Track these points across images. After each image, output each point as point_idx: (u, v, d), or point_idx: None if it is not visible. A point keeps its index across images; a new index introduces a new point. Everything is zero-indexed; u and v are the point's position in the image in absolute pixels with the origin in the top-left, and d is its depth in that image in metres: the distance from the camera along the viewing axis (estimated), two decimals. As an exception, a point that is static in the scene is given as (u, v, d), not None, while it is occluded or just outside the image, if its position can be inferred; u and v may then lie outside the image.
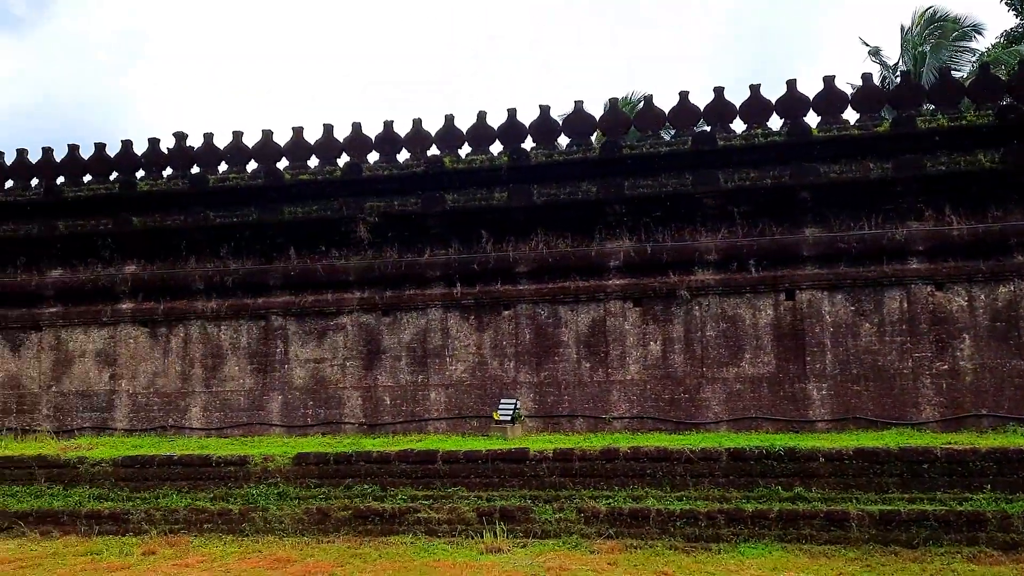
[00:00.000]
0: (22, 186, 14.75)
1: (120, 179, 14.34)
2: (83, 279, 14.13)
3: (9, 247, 14.38)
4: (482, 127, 13.51)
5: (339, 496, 10.21)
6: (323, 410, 13.14)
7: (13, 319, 14.23)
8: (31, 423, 13.89)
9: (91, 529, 10.29)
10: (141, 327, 13.89)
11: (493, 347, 12.81)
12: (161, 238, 13.97)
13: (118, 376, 13.82)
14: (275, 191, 13.66)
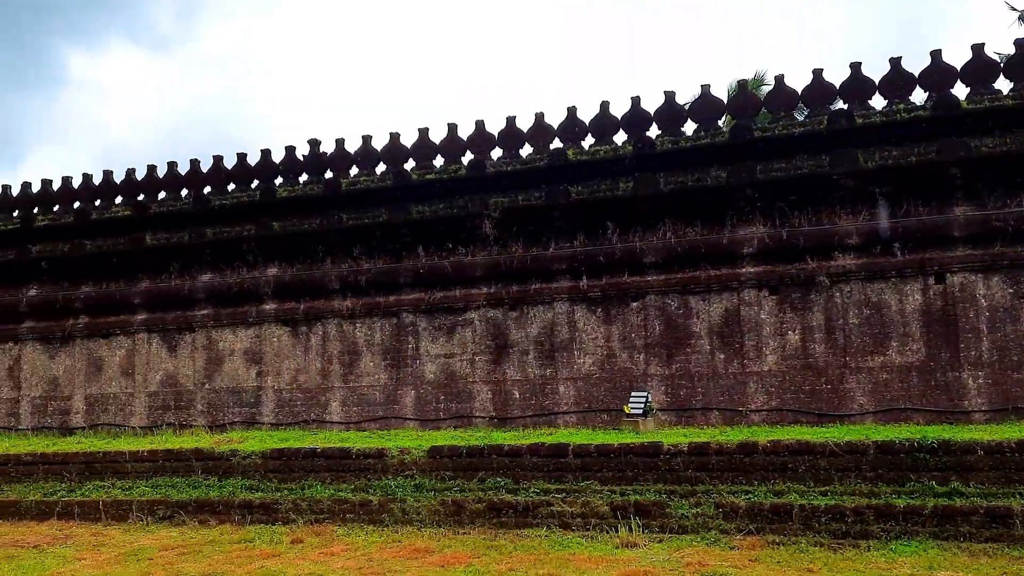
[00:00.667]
0: (172, 197, 15.75)
1: (261, 186, 15.07)
2: (230, 282, 14.93)
3: (164, 254, 15.37)
4: (605, 117, 13.37)
5: (473, 489, 10.34)
6: (454, 404, 13.36)
7: (169, 321, 15.21)
8: (187, 418, 14.81)
9: (244, 518, 10.86)
10: (283, 326, 14.54)
11: (622, 339, 12.65)
12: (299, 241, 14.59)
13: (264, 373, 14.52)
14: (402, 191, 14.00)
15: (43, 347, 16.02)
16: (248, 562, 8.60)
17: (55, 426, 15.61)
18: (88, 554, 9.31)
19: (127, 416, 15.21)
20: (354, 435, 12.90)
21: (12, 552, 9.58)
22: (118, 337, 15.53)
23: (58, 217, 16.33)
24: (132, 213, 15.62)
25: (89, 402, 15.55)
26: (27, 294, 16.29)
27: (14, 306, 16.21)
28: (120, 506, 11.47)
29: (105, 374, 15.53)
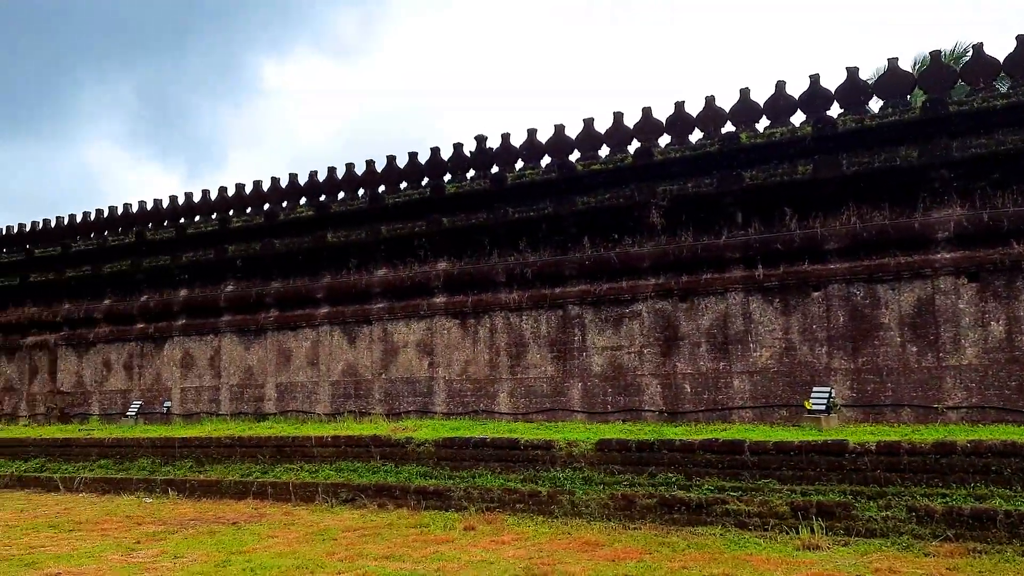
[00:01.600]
0: (350, 196, 16.52)
1: (431, 183, 15.50)
2: (403, 277, 15.47)
3: (343, 251, 16.15)
4: (781, 98, 12.71)
5: (643, 483, 10.13)
6: (622, 397, 13.16)
7: (349, 315, 15.96)
8: (366, 406, 15.49)
9: (419, 503, 11.20)
10: (453, 319, 14.89)
11: (801, 331, 11.99)
12: (467, 235, 14.88)
13: (435, 364, 14.94)
14: (567, 183, 13.95)
15: (239, 339, 17.27)
16: (424, 546, 8.83)
17: (250, 412, 16.79)
18: (279, 532, 9.91)
19: (313, 403, 16.12)
20: (522, 426, 12.99)
21: (214, 528, 10.36)
22: (304, 329, 16.48)
23: (250, 218, 17.57)
24: (314, 213, 16.54)
25: (279, 390, 16.61)
26: (224, 290, 17.62)
27: (214, 301, 17.58)
28: (307, 488, 12.16)
29: (293, 364, 16.53)
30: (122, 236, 19.41)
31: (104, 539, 9.76)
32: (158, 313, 18.32)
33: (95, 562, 8.42)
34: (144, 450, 14.57)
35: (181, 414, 17.59)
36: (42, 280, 20.08)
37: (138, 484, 13.71)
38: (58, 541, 9.70)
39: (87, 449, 15.22)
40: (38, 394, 19.89)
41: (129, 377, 18.57)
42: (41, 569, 8.09)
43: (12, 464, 15.57)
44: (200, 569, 7.94)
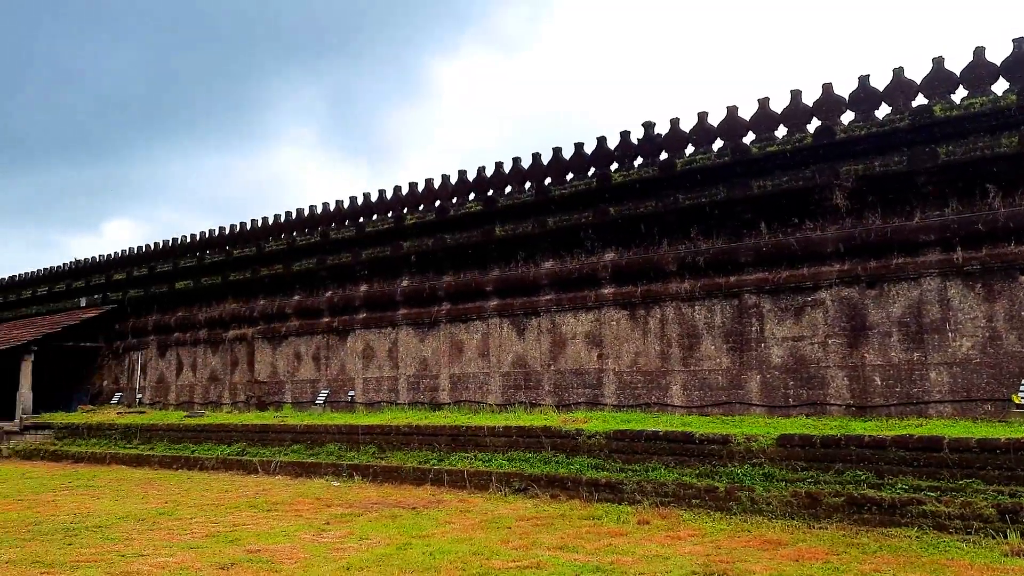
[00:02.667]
0: (517, 190, 16.70)
1: (597, 173, 15.38)
2: (570, 268, 15.45)
3: (511, 244, 16.35)
4: (979, 66, 11.61)
5: (829, 481, 9.56)
6: (804, 390, 12.49)
7: (517, 307, 16.15)
8: (536, 398, 15.62)
9: (591, 495, 11.14)
10: (621, 310, 14.70)
11: (1008, 319, 10.88)
12: (635, 225, 14.64)
13: (604, 356, 14.82)
14: (741, 166, 13.40)
15: (414, 331, 17.91)
16: (596, 539, 8.76)
17: (426, 401, 17.38)
18: (456, 518, 10.16)
19: (484, 394, 16.45)
20: (696, 419, 12.63)
21: (395, 512, 10.78)
22: (474, 322, 16.84)
23: (423, 215, 18.17)
24: (482, 207, 16.85)
25: (452, 380, 17.08)
26: (400, 285, 18.33)
27: (391, 296, 18.33)
28: (481, 476, 12.41)
29: (464, 355, 16.94)
30: (308, 236, 20.67)
31: (297, 519, 10.39)
32: (341, 307, 19.34)
33: (290, 541, 8.97)
34: (331, 436, 15.43)
35: (363, 403, 18.48)
36: (240, 279, 21.73)
37: (326, 468, 14.53)
38: (257, 520, 10.42)
39: (282, 435, 16.32)
40: (238, 383, 21.56)
41: (317, 368, 19.73)
42: (243, 546, 8.70)
43: (218, 448, 16.95)
44: (384, 551, 8.26)
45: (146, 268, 24.76)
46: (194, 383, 22.76)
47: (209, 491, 13.31)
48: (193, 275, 23.30)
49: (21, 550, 8.58)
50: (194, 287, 22.97)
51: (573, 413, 14.26)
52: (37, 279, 29.67)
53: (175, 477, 15.55)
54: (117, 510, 11.37)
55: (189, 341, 23.05)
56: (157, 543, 8.93)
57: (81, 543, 8.96)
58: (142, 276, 24.80)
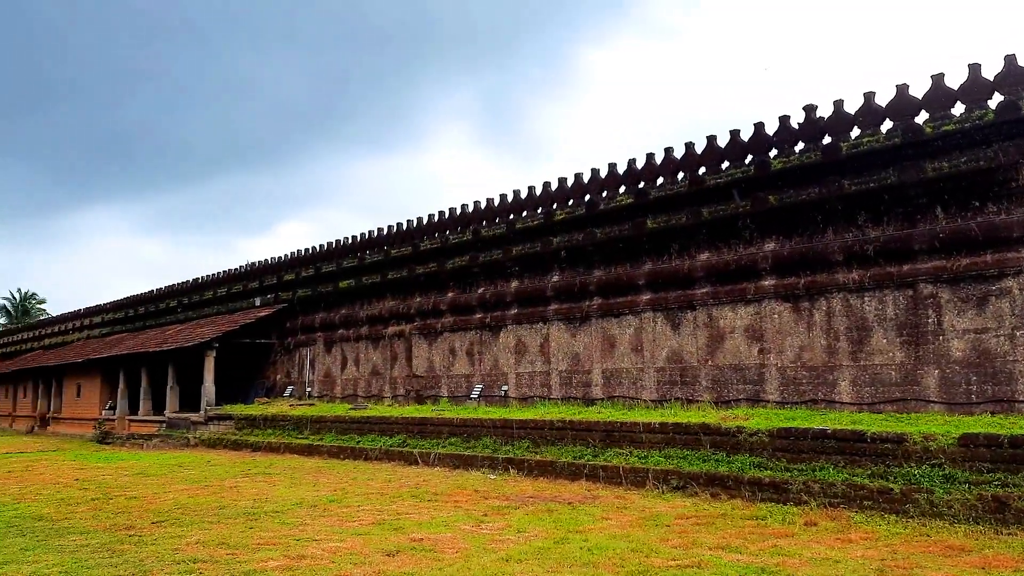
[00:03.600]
0: (669, 181, 16.36)
1: (754, 160, 14.82)
2: (727, 260, 14.97)
3: (663, 236, 16.05)
4: None
5: (1018, 484, 8.75)
6: (989, 386, 11.51)
7: (671, 300, 15.83)
8: (693, 394, 15.26)
9: (753, 495, 10.74)
10: (783, 302, 14.10)
11: None
12: (796, 213, 13.99)
13: (765, 351, 14.26)
14: (913, 148, 12.51)
15: (565, 326, 17.93)
16: (760, 540, 8.42)
17: (578, 396, 17.37)
18: (613, 515, 10.06)
19: (638, 390, 16.24)
20: (866, 417, 11.91)
21: (551, 506, 10.82)
22: (626, 316, 16.65)
23: (572, 210, 18.16)
24: (633, 200, 16.63)
25: (605, 376, 16.97)
26: (551, 280, 18.40)
27: (541, 291, 18.44)
28: (637, 473, 12.24)
29: (617, 350, 16.78)
30: (461, 234, 21.15)
31: (457, 510, 10.62)
32: (493, 304, 19.65)
33: (450, 531, 9.18)
34: (486, 430, 15.70)
35: (516, 397, 18.71)
36: (397, 277, 22.55)
37: (482, 461, 14.80)
38: (419, 509, 10.74)
39: (439, 428, 16.78)
40: (398, 377, 22.38)
41: (471, 363, 20.15)
42: (407, 534, 8.99)
43: (381, 439, 17.66)
44: (541, 545, 8.29)
45: (312, 269, 26.16)
46: (357, 377, 23.83)
47: (374, 480, 13.86)
48: (355, 274, 24.39)
49: (208, 532, 9.24)
50: (356, 286, 24.04)
51: (732, 410, 13.80)
52: (217, 281, 32.00)
53: (342, 466, 16.32)
54: (292, 497, 12.05)
55: (352, 337, 24.15)
56: (328, 529, 9.37)
57: (261, 527, 9.55)
58: (309, 276, 26.22)
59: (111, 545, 8.50)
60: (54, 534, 9.21)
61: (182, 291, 34.08)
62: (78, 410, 32.59)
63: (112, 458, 19.98)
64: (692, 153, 16.10)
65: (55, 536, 9.08)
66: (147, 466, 17.26)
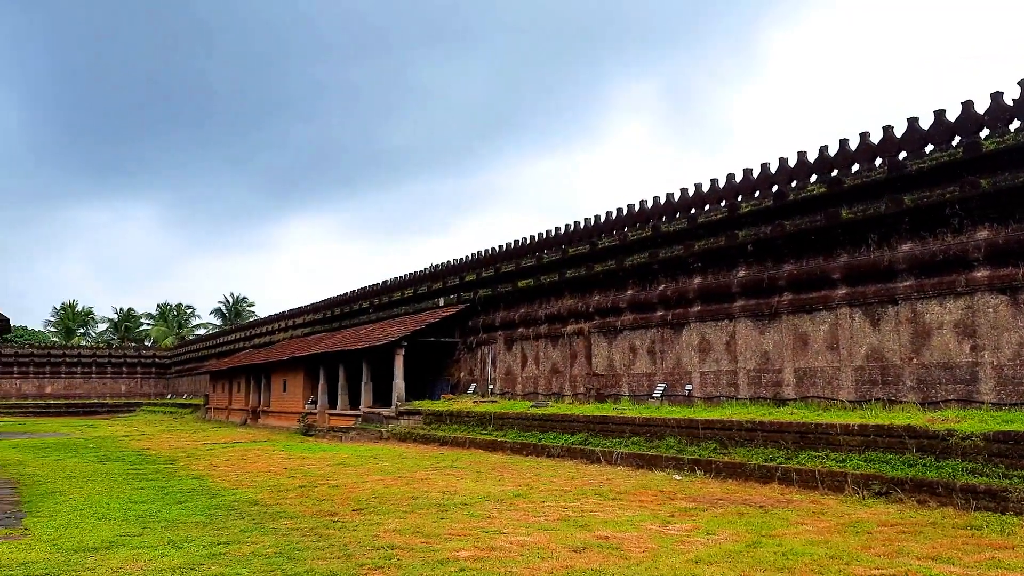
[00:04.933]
0: (866, 168, 15.34)
1: (963, 142, 13.62)
2: (933, 250, 13.84)
3: (860, 227, 15.07)
4: None
5: None
6: None
7: (870, 295, 14.83)
8: (895, 394, 14.22)
9: (967, 503, 9.84)
10: (999, 294, 12.84)
11: None
12: (1014, 197, 12.70)
13: (979, 348, 13.05)
14: None
15: (753, 323, 17.26)
16: (976, 551, 7.69)
17: (768, 396, 16.66)
18: (808, 520, 9.55)
19: (834, 389, 15.35)
20: (1105, 422, 10.59)
21: (741, 509, 10.43)
22: (820, 312, 15.78)
23: (759, 202, 17.44)
24: (826, 189, 15.74)
25: (797, 375, 16.17)
26: (736, 275, 17.78)
27: (726, 287, 17.86)
28: (834, 477, 11.56)
29: (810, 348, 15.94)
30: (639, 231, 20.90)
31: (642, 510, 10.47)
32: (675, 301, 19.26)
33: (636, 530, 9.06)
34: (670, 430, 15.40)
35: (701, 397, 18.23)
36: (576, 275, 22.63)
37: (667, 461, 14.53)
38: (603, 507, 10.69)
39: (621, 427, 16.65)
40: (577, 376, 22.45)
41: (652, 361, 19.86)
42: (592, 531, 8.96)
43: (562, 437, 17.78)
44: (732, 548, 8.00)
45: (492, 269, 26.80)
46: (537, 375, 24.15)
47: (557, 477, 13.96)
48: (533, 274, 24.74)
49: (404, 520, 9.66)
50: (534, 285, 24.38)
51: (940, 412, 12.74)
52: (403, 283, 33.54)
53: (525, 463, 16.57)
54: (479, 490, 12.37)
55: (531, 336, 24.51)
56: (515, 523, 9.52)
57: (451, 518, 9.86)
58: (489, 277, 26.89)
59: (318, 530, 9.07)
60: (268, 518, 9.96)
61: (373, 293, 35.98)
62: (284, 404, 35.21)
63: (315, 449, 21.40)
64: (891, 137, 15.01)
65: (269, 520, 9.82)
66: (345, 457, 18.33)
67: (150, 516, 10.12)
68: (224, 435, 29.63)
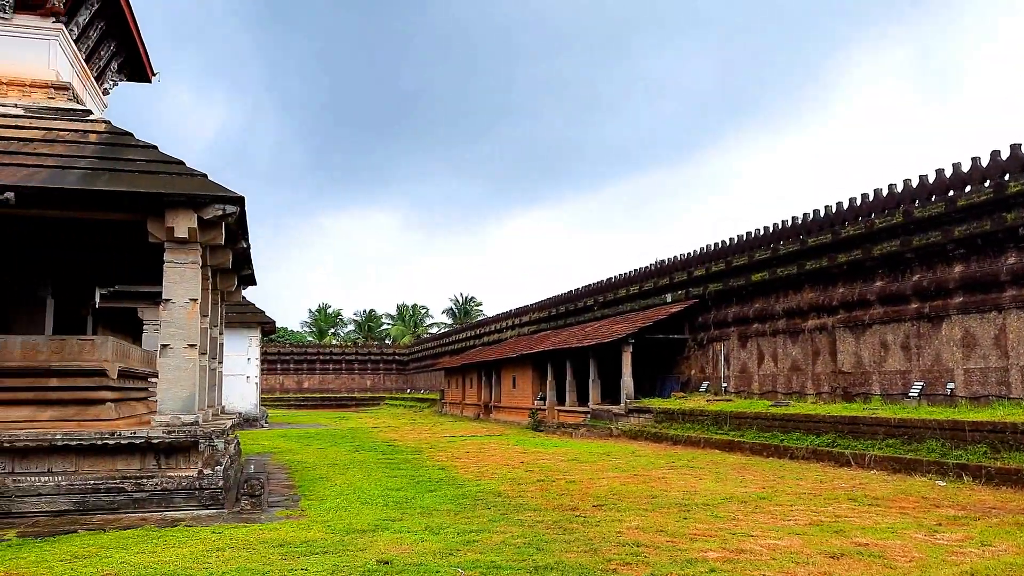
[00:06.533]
0: None
1: None
2: None
3: None
4: None
5: None
6: None
7: None
8: None
9: None
10: None
11: None
12: None
13: None
14: None
15: (1028, 315, 15.39)
16: None
17: (1049, 398, 14.78)
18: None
19: None
20: None
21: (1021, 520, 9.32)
22: (1114, 301, 13.76)
23: (1031, 179, 15.53)
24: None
25: (1086, 373, 14.22)
26: (1006, 263, 15.93)
27: (994, 276, 16.06)
28: None
29: (1102, 343, 13.95)
30: (888, 217, 19.33)
31: (903, 517, 9.66)
32: (931, 292, 17.63)
33: (898, 538, 8.35)
34: (931, 432, 14.10)
35: (966, 396, 16.52)
36: (816, 267, 21.35)
37: (928, 466, 13.31)
38: (859, 513, 9.97)
39: (873, 428, 15.48)
40: (820, 374, 21.17)
41: (907, 358, 18.30)
42: (849, 537, 8.38)
43: (807, 438, 16.83)
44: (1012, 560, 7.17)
45: (723, 263, 25.97)
46: (775, 373, 23.07)
47: (803, 480, 13.23)
48: (768, 266, 23.66)
49: (645, 519, 9.56)
50: (769, 278, 23.31)
51: None
52: (628, 279, 33.41)
53: (766, 464, 15.87)
54: (719, 491, 11.99)
55: (768, 332, 23.46)
56: (762, 525, 9.12)
57: (694, 518, 9.62)
58: (719, 271, 26.08)
59: (561, 523, 9.21)
60: (512, 509, 10.26)
61: (597, 290, 36.19)
62: (514, 399, 36.35)
63: (547, 444, 21.86)
64: None
65: (513, 511, 10.11)
66: (578, 453, 18.54)
67: (406, 503, 10.78)
68: (460, 428, 31.10)
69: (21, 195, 10.01)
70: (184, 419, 10.48)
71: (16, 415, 10.61)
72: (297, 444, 22.75)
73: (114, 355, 11.35)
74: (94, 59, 15.08)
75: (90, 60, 14.85)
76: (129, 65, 16.65)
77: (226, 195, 10.65)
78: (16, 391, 10.76)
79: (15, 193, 9.96)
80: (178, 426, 10.37)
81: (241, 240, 12.36)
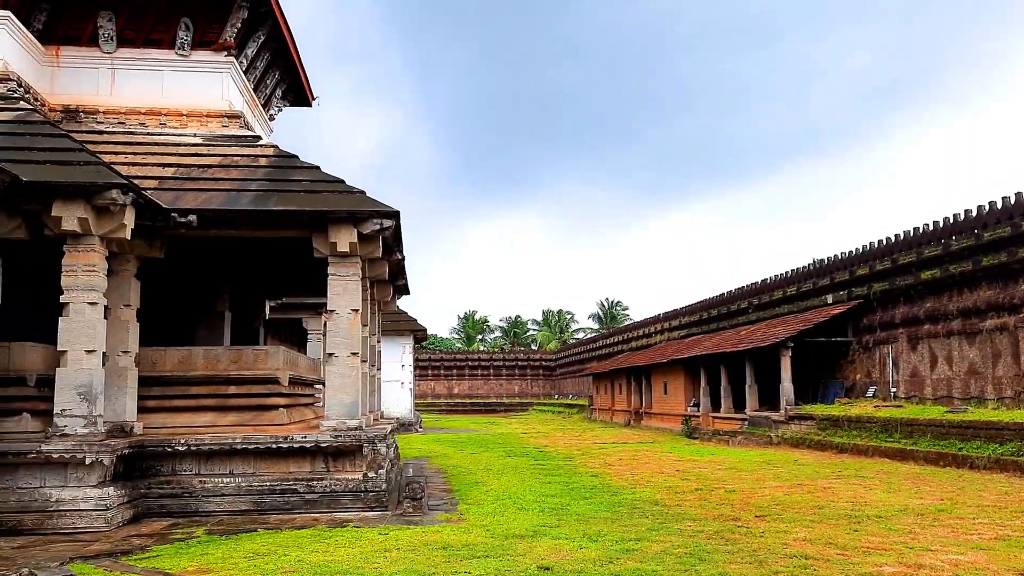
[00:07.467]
0: None
1: None
2: None
3: None
4: None
5: None
6: None
7: None
8: None
9: None
10: None
11: None
12: None
13: None
14: None
15: None
16: None
17: None
18: None
19: None
20: None
21: None
22: None
23: None
24: None
25: None
26: None
27: None
28: None
29: None
30: (1077, 205, 17.60)
31: (1110, 536, 8.76)
32: None
33: (1105, 559, 7.58)
34: None
35: None
36: (994, 263, 19.76)
37: None
38: (1057, 530, 9.14)
39: (1067, 436, 14.13)
40: (1003, 377, 19.54)
41: (1104, 360, 16.60)
42: (1045, 556, 7.70)
43: (989, 446, 15.57)
44: None
45: (888, 261, 24.49)
46: (950, 376, 21.50)
47: (985, 492, 12.26)
48: (939, 263, 22.10)
49: (812, 530, 9.14)
50: (941, 276, 21.76)
51: None
52: (785, 281, 32.11)
53: (942, 474, 14.81)
54: (893, 502, 11.30)
55: (941, 333, 21.90)
56: (942, 539, 8.53)
57: (866, 530, 9.11)
58: (884, 269, 24.60)
59: (723, 533, 8.95)
60: (671, 518, 10.07)
61: (751, 292, 35.00)
62: (665, 405, 35.72)
63: (702, 452, 21.33)
64: None
65: (672, 520, 9.92)
66: (736, 461, 17.97)
67: (561, 509, 10.80)
68: (611, 435, 30.88)
69: (203, 217, 10.85)
70: (349, 424, 10.98)
71: (200, 420, 11.47)
72: (451, 449, 23.32)
73: (285, 363, 12.06)
74: (261, 87, 16.12)
75: (257, 88, 15.88)
76: (292, 91, 17.70)
77: (382, 210, 11.10)
78: (200, 398, 11.64)
79: (197, 216, 10.80)
80: (344, 431, 10.88)
81: (396, 252, 12.83)
